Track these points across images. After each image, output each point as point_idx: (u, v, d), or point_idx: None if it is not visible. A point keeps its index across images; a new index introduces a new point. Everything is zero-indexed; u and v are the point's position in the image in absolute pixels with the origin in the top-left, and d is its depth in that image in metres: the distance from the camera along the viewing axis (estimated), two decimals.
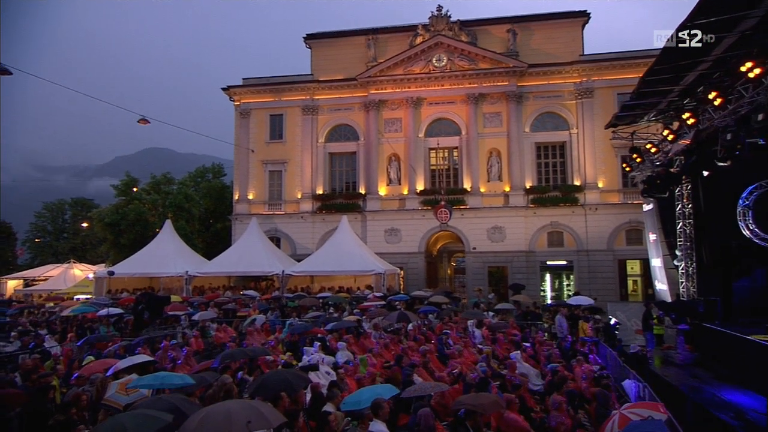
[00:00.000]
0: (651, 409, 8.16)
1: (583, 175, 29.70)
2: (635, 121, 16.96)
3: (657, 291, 18.60)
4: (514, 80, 30.60)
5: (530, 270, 29.76)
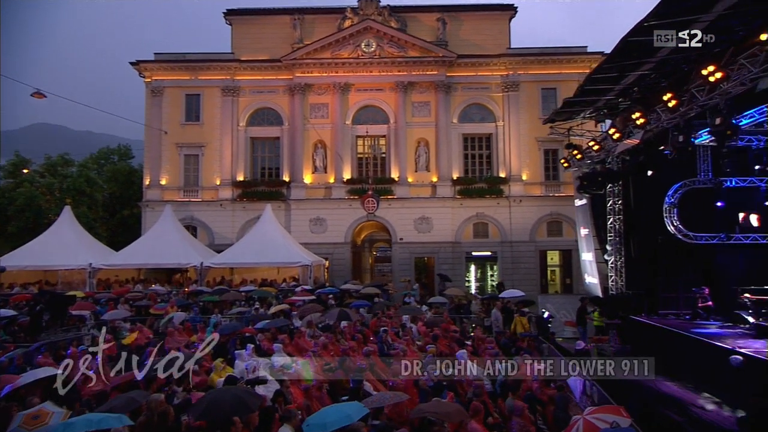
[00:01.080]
0: (614, 414, 7.95)
1: (509, 167, 30.20)
2: (571, 118, 17.15)
3: (587, 284, 19.16)
4: (444, 70, 30.41)
5: (456, 261, 29.94)
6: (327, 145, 30.99)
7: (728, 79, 8.70)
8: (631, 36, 10.66)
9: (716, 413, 10.11)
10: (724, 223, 15.66)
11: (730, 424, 9.58)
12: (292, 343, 14.21)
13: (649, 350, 14.24)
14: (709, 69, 8.74)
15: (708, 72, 8.80)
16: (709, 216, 15.80)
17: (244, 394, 7.26)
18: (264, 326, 14.89)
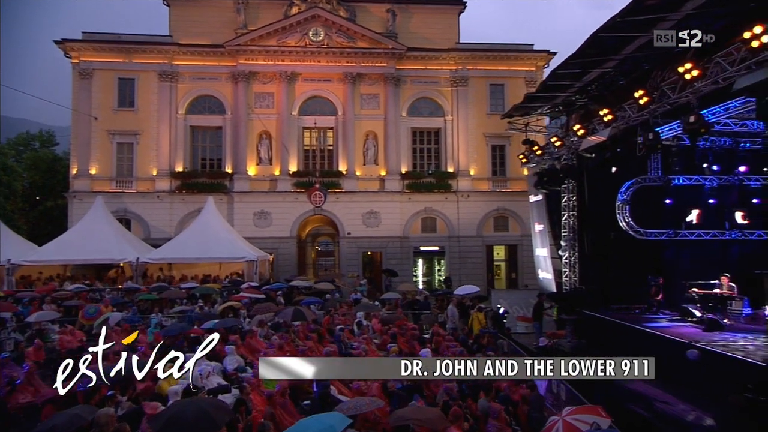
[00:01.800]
0: (593, 414, 7.78)
1: (457, 162, 30.24)
2: (529, 113, 17.17)
3: (540, 280, 19.35)
4: (393, 62, 30.00)
5: (404, 255, 29.71)
6: (272, 136, 29.89)
7: (704, 77, 8.76)
8: (602, 32, 10.62)
9: (680, 408, 10.25)
10: (672, 220, 16.16)
11: (695, 419, 9.74)
12: (244, 344, 13.42)
13: (605, 345, 14.49)
14: (686, 66, 8.77)
15: (685, 69, 8.83)
16: (659, 213, 16.26)
17: (210, 406, 6.52)
18: (213, 326, 13.95)
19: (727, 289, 14.18)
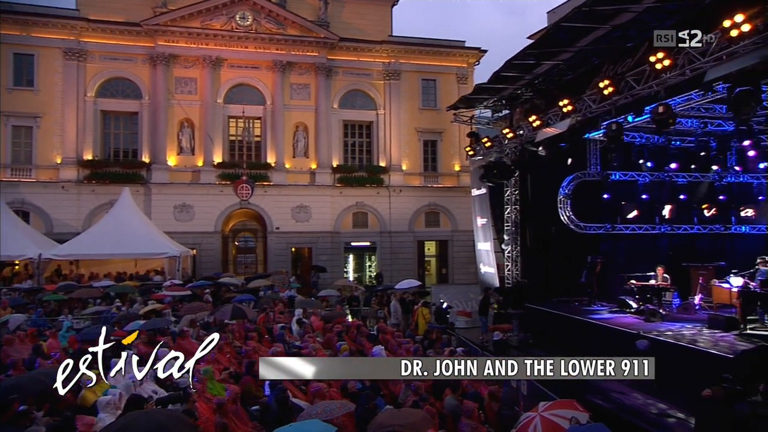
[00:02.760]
0: (569, 408, 7.57)
1: (389, 156, 29.85)
2: (473, 106, 17.04)
3: (482, 274, 19.31)
4: (325, 52, 29.06)
5: (334, 251, 28.93)
6: (195, 125, 27.99)
7: (675, 68, 8.82)
8: (565, 21, 10.50)
9: (633, 396, 10.35)
10: (609, 214, 16.63)
11: (649, 406, 9.85)
12: (176, 346, 12.14)
13: (552, 338, 14.58)
14: (658, 56, 8.76)
15: (656, 59, 8.83)
16: (596, 207, 16.68)
17: (167, 418, 5.52)
18: (139, 328, 12.55)
19: (662, 280, 14.70)
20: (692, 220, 16.83)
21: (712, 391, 6.91)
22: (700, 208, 16.81)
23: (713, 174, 16.66)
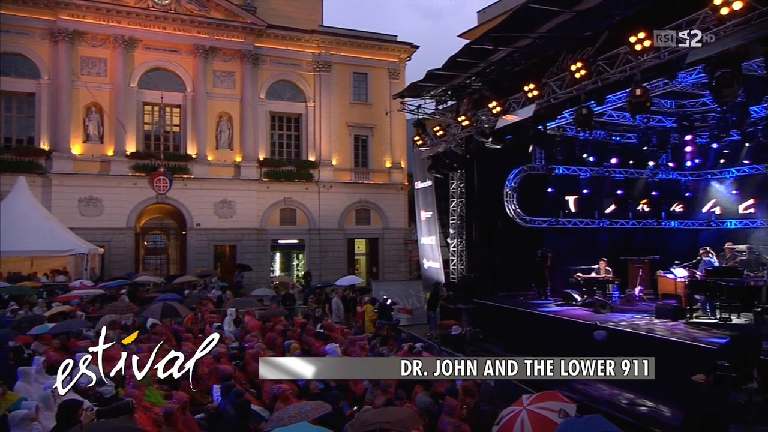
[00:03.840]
0: (555, 400, 7.15)
1: (318, 151, 28.73)
2: (419, 95, 16.51)
3: (426, 269, 18.75)
4: (252, 39, 27.45)
5: (260, 249, 27.35)
6: (104, 110, 25.37)
7: (655, 49, 8.65)
8: (531, 2, 10.15)
9: (602, 389, 10.16)
10: (553, 208, 16.70)
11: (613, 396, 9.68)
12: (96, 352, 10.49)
13: (502, 332, 14.28)
14: (639, 36, 8.53)
15: (636, 39, 8.61)
16: (540, 201, 16.69)
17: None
18: (49, 331, 10.80)
19: (605, 273, 14.90)
20: (628, 215, 17.31)
21: (705, 378, 6.65)
22: (636, 203, 17.35)
23: (647, 170, 17.25)
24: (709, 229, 17.29)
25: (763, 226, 15.64)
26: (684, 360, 9.33)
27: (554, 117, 12.18)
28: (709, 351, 9.23)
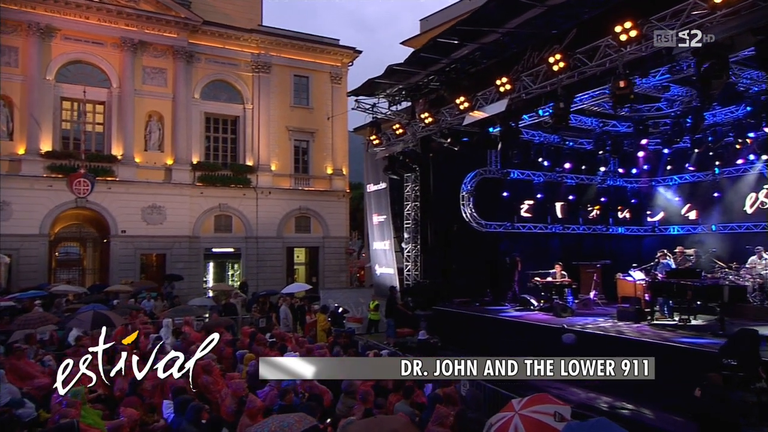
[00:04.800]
0: (547, 403, 6.68)
1: (257, 155, 27.37)
2: (374, 94, 15.90)
3: (378, 276, 17.94)
4: (186, 35, 25.83)
5: (192, 258, 25.54)
6: (15, 104, 22.89)
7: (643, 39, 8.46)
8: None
9: (578, 394, 9.81)
10: (507, 213, 16.51)
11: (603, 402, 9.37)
12: (9, 368, 9.02)
13: (464, 339, 13.76)
14: (626, 26, 8.30)
15: (622, 29, 8.38)
16: (496, 205, 16.46)
17: None
18: None
19: (560, 277, 14.82)
20: (579, 221, 17.45)
21: (713, 378, 6.35)
22: (586, 209, 17.53)
23: (597, 176, 17.51)
24: (653, 235, 17.77)
25: (704, 231, 16.22)
26: (659, 360, 9.13)
27: (528, 112, 11.93)
28: (681, 350, 9.12)
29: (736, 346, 6.85)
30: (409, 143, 15.01)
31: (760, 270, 12.58)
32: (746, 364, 6.51)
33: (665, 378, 8.53)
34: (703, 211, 16.29)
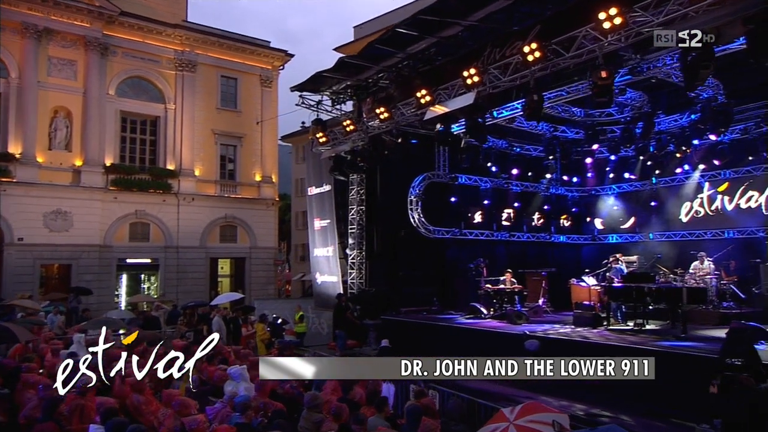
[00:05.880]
0: (542, 411, 6.16)
1: (179, 159, 25.35)
2: (319, 90, 14.95)
3: (319, 284, 16.69)
4: (100, 25, 23.56)
5: (103, 269, 23.04)
6: None
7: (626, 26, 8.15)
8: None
9: (550, 402, 9.27)
10: (455, 218, 16.02)
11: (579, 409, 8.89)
12: None
13: (416, 349, 12.96)
14: (610, 12, 7.94)
15: (606, 16, 8.01)
16: (444, 210, 15.93)
17: None
18: None
19: (510, 284, 14.50)
20: (523, 228, 17.32)
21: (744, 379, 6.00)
22: (531, 216, 17.45)
23: (541, 184, 17.50)
24: (593, 243, 18.00)
25: (642, 240, 16.58)
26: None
27: (497, 105, 11.49)
28: (656, 353, 8.86)
29: (736, 345, 6.59)
30: (358, 142, 14.16)
31: (702, 275, 12.87)
32: (752, 363, 6.23)
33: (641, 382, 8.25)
34: (641, 220, 16.67)
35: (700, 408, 6.82)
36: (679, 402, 8.04)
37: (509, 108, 13.31)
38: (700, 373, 7.65)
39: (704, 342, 9.70)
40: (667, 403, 8.21)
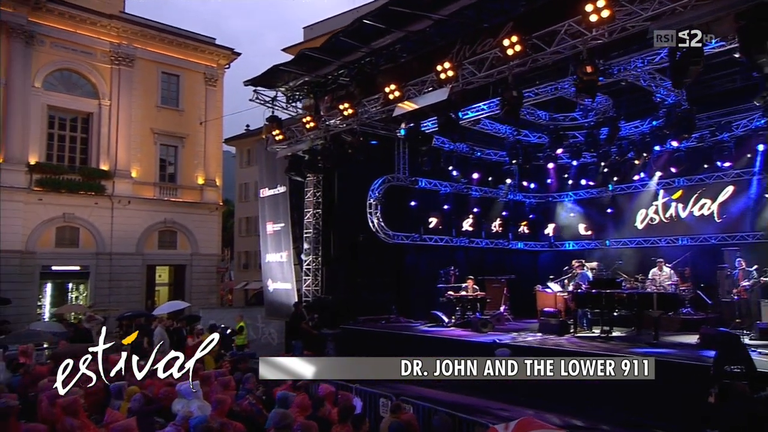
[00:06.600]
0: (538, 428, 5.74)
1: (114, 159, 23.53)
2: (275, 86, 14.07)
3: (271, 292, 15.58)
4: (24, 11, 21.56)
5: (25, 277, 20.92)
6: None
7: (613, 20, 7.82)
8: None
9: (526, 413, 8.79)
10: (414, 224, 15.48)
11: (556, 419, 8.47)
12: None
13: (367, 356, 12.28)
14: (598, 4, 7.60)
15: (593, 9, 7.66)
16: (403, 215, 15.36)
17: None
18: None
19: (472, 291, 14.09)
20: (482, 234, 17.01)
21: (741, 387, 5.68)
22: (490, 223, 17.17)
23: (500, 190, 17.27)
24: (549, 250, 17.94)
25: (598, 247, 16.64)
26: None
27: (471, 102, 11.02)
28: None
29: (733, 352, 6.32)
30: (316, 141, 13.37)
31: (661, 281, 12.91)
32: (750, 370, 5.97)
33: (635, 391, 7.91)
34: (597, 227, 16.75)
35: (695, 418, 6.50)
36: (672, 412, 7.72)
37: (474, 109, 12.99)
38: (695, 382, 7.35)
39: (677, 348, 9.56)
40: (657, 414, 7.88)
